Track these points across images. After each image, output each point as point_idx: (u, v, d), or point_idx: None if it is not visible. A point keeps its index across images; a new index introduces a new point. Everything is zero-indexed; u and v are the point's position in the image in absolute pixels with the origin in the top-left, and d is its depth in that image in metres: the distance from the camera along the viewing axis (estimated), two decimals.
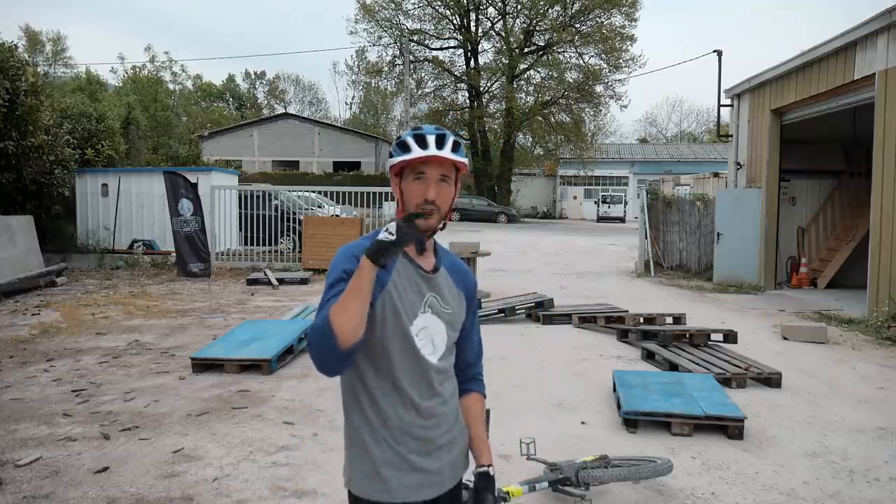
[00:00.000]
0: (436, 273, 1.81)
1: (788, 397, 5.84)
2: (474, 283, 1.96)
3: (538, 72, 38.06)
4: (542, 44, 37.24)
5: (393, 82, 39.94)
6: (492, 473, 1.81)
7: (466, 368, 1.96)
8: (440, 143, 1.69)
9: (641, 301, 10.81)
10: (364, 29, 40.98)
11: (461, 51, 39.05)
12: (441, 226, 1.75)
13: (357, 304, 1.53)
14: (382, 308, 1.70)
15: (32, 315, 9.30)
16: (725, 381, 6.01)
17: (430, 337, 1.77)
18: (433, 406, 1.76)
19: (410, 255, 1.78)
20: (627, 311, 9.01)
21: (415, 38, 37.34)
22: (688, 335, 7.44)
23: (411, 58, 35.20)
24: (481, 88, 37.57)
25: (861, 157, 13.38)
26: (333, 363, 1.59)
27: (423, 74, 38.89)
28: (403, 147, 1.71)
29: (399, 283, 1.74)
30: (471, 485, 1.84)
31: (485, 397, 1.99)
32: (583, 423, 5.10)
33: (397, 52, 37.57)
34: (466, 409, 1.92)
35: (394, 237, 1.51)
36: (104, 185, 15.32)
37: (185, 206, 9.52)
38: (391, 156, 1.76)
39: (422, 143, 1.69)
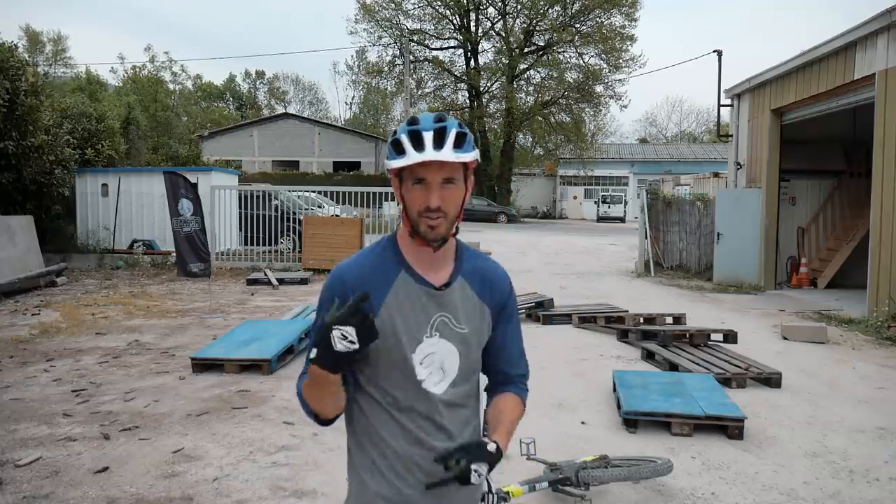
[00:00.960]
0: (448, 288, 1.58)
1: (788, 397, 5.84)
2: (506, 287, 1.70)
3: (538, 72, 38.08)
4: (542, 44, 37.25)
5: (393, 82, 39.96)
6: (491, 449, 1.50)
7: (503, 374, 1.74)
8: (439, 141, 1.45)
9: (641, 301, 10.81)
10: (364, 29, 40.91)
11: (461, 51, 39.06)
12: (454, 230, 1.55)
13: (328, 397, 1.49)
14: (380, 339, 1.49)
15: (32, 315, 9.30)
16: (725, 381, 6.01)
17: (439, 362, 1.56)
18: (437, 442, 1.56)
19: (416, 270, 1.57)
20: (627, 311, 9.01)
21: (415, 38, 37.34)
22: (688, 335, 7.44)
23: (411, 58, 35.20)
24: (481, 88, 37.57)
25: (861, 157, 13.37)
26: (321, 425, 1.61)
27: (423, 74, 38.91)
28: (397, 147, 1.48)
29: (398, 304, 1.54)
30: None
31: (524, 403, 1.74)
32: (583, 423, 5.10)
33: (397, 52, 37.58)
34: (498, 402, 1.70)
35: (356, 345, 1.33)
36: (104, 185, 15.32)
37: (185, 206, 9.52)
38: (388, 155, 1.54)
39: (417, 142, 1.45)
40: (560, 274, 14.53)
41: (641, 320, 8.59)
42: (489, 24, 38.48)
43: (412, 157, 1.45)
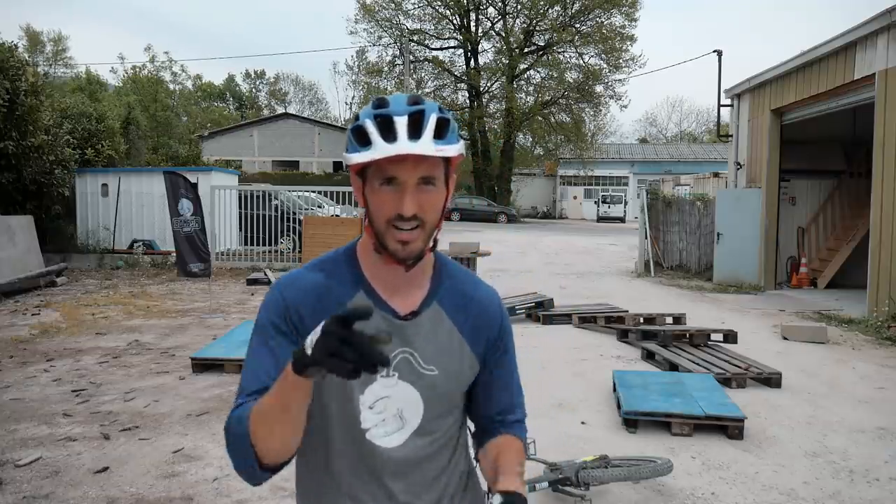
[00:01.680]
0: (415, 317, 1.25)
1: (788, 397, 5.84)
2: (497, 318, 1.36)
3: (538, 72, 38.10)
4: (542, 44, 37.26)
5: (393, 82, 39.90)
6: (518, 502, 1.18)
7: (492, 420, 1.39)
8: (415, 130, 1.12)
9: (641, 301, 10.81)
10: (364, 29, 40.99)
11: (461, 51, 39.07)
12: (431, 244, 1.22)
13: (286, 426, 1.09)
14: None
15: (32, 315, 9.30)
16: (725, 381, 6.01)
17: (396, 409, 1.24)
18: None
19: (378, 291, 1.26)
20: (627, 311, 9.01)
21: (415, 38, 37.34)
22: (688, 335, 7.44)
23: (411, 58, 35.20)
24: (481, 88, 37.58)
25: (861, 157, 13.38)
26: (255, 479, 1.15)
27: (423, 74, 38.90)
28: (361, 137, 1.15)
29: None
30: None
31: (524, 442, 1.40)
32: (583, 423, 5.10)
33: (397, 52, 37.58)
34: (491, 447, 1.36)
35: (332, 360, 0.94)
36: (104, 185, 15.32)
37: (185, 206, 9.53)
38: (348, 146, 1.18)
39: (387, 130, 1.12)
40: (560, 274, 14.53)
41: (641, 320, 8.60)
42: (489, 24, 38.50)
43: (381, 149, 1.12)
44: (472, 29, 38.05)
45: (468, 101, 38.74)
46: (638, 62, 36.32)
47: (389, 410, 1.24)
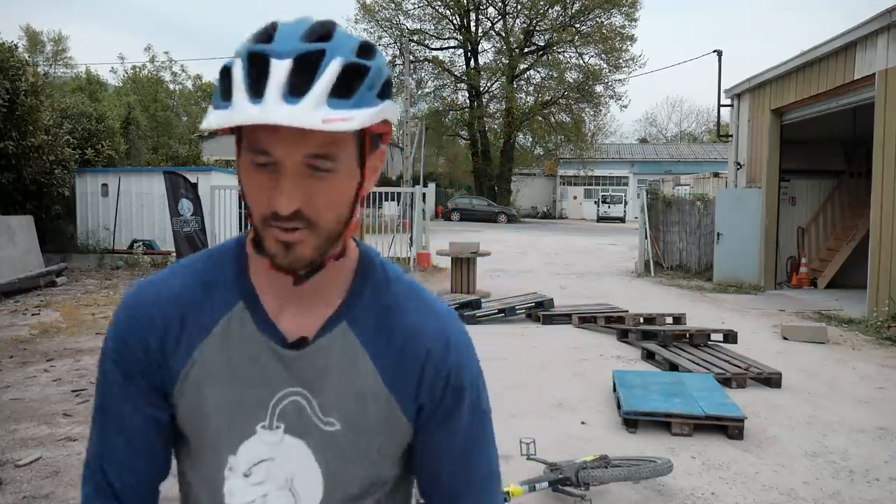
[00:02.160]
0: (309, 345, 0.85)
1: (788, 397, 5.84)
2: (443, 356, 0.88)
3: (538, 72, 38.15)
4: (542, 44, 37.30)
5: (393, 82, 39.92)
6: None
7: None
8: (299, 84, 0.71)
9: (641, 301, 10.80)
10: (364, 29, 40.81)
11: (461, 51, 39.11)
12: (339, 250, 0.84)
13: None
14: (177, 420, 0.87)
15: (32, 315, 9.30)
16: (725, 381, 6.01)
17: (284, 478, 0.85)
18: None
19: (265, 303, 0.87)
20: (627, 311, 9.01)
21: (415, 38, 37.35)
22: (688, 335, 7.44)
23: (411, 58, 35.20)
24: (481, 88, 37.61)
25: (861, 157, 13.38)
26: None
27: (423, 74, 38.92)
28: (223, 85, 0.75)
29: (216, 361, 0.85)
30: None
31: None
32: (583, 423, 5.10)
33: (397, 52, 37.57)
34: None
35: None
36: (104, 185, 15.32)
37: (185, 206, 9.54)
38: (214, 97, 0.77)
39: (256, 80, 0.71)
40: (560, 274, 14.52)
41: (641, 320, 8.60)
42: (489, 24, 38.54)
43: (239, 111, 0.71)
44: (472, 29, 38.07)
45: (468, 101, 38.78)
46: (638, 62, 36.40)
47: (274, 481, 0.84)
